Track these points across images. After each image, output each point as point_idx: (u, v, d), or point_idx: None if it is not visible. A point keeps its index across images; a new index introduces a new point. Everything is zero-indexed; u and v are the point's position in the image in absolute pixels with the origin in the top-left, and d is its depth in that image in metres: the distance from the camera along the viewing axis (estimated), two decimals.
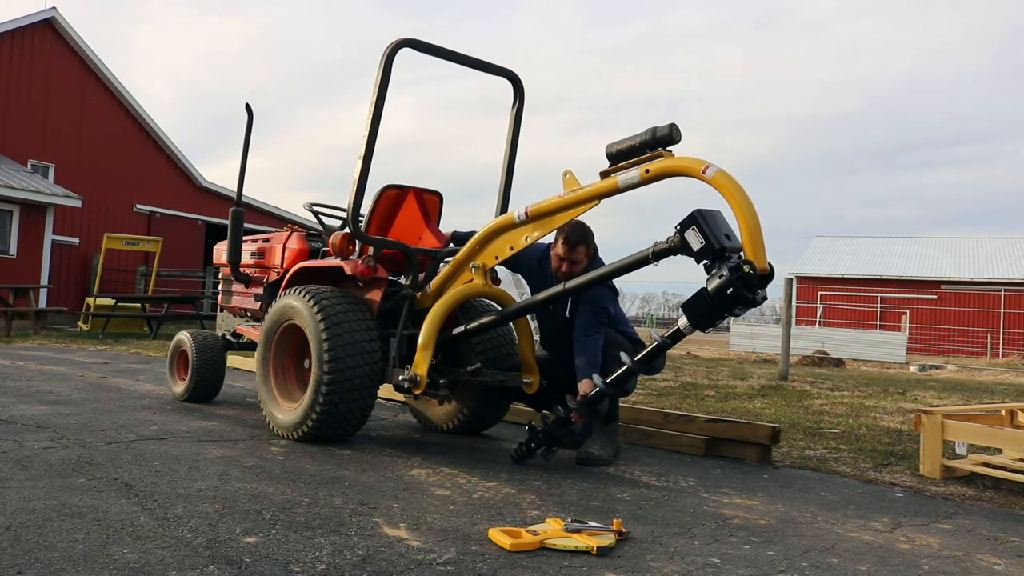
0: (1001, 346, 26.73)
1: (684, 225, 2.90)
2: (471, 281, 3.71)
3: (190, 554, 2.05)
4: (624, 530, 2.44)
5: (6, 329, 11.61)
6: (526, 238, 3.49)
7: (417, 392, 3.53)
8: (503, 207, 4.33)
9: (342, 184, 4.91)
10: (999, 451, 3.94)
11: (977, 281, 28.28)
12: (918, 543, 2.58)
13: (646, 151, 3.04)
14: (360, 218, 3.88)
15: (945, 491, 3.44)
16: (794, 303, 13.09)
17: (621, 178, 3.09)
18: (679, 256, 2.97)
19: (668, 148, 3.01)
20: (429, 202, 4.28)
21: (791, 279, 10.60)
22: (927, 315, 27.57)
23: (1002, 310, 27.69)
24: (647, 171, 3.00)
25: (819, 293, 29.82)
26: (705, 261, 2.83)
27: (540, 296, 3.58)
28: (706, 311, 2.79)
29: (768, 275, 2.77)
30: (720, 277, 2.73)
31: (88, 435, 3.65)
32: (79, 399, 4.90)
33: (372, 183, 4.11)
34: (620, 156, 3.13)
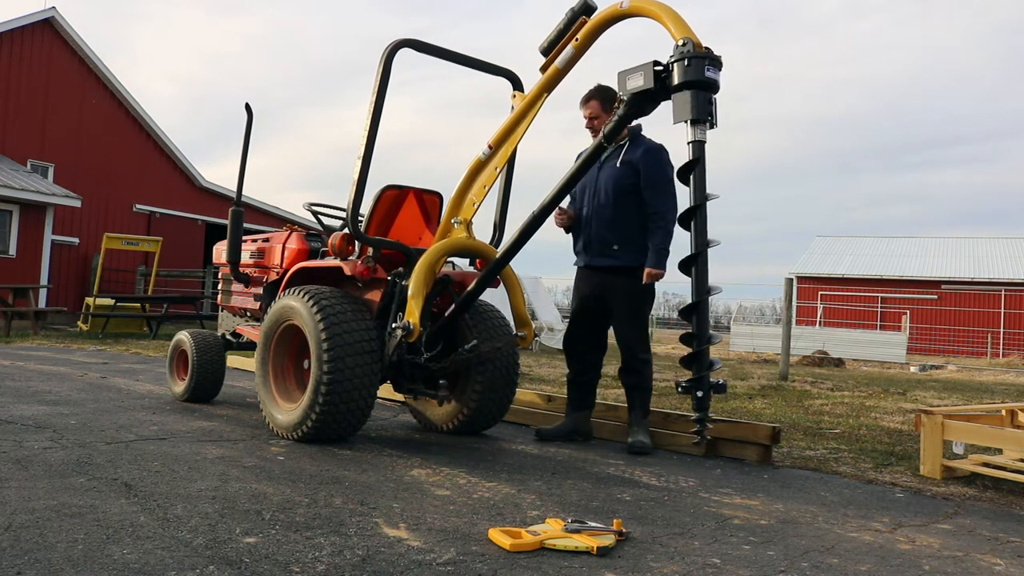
0: (1001, 346, 26.73)
1: (620, 85, 3.04)
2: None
3: (190, 554, 2.05)
4: (624, 530, 2.44)
5: (6, 329, 11.61)
6: (496, 168, 3.67)
7: (411, 340, 3.56)
8: (503, 207, 4.34)
9: (342, 184, 4.91)
10: (999, 451, 3.94)
11: (977, 281, 28.27)
12: (919, 543, 2.58)
13: (570, 29, 3.34)
14: (360, 218, 3.89)
15: (945, 491, 3.44)
16: (794, 303, 13.08)
17: (558, 60, 3.38)
18: (635, 120, 3.14)
19: (588, 16, 3.28)
20: (429, 202, 4.28)
21: (791, 279, 10.60)
22: (927, 315, 27.56)
23: (1002, 310, 27.68)
24: (576, 40, 3.30)
25: (819, 293, 29.81)
26: (660, 96, 2.96)
27: (514, 238, 3.63)
28: (690, 99, 2.82)
29: (708, 52, 2.86)
30: (672, 68, 2.86)
31: (88, 435, 3.65)
32: (79, 399, 4.90)
33: (372, 183, 4.12)
34: (551, 45, 3.42)
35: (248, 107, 4.67)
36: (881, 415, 6.09)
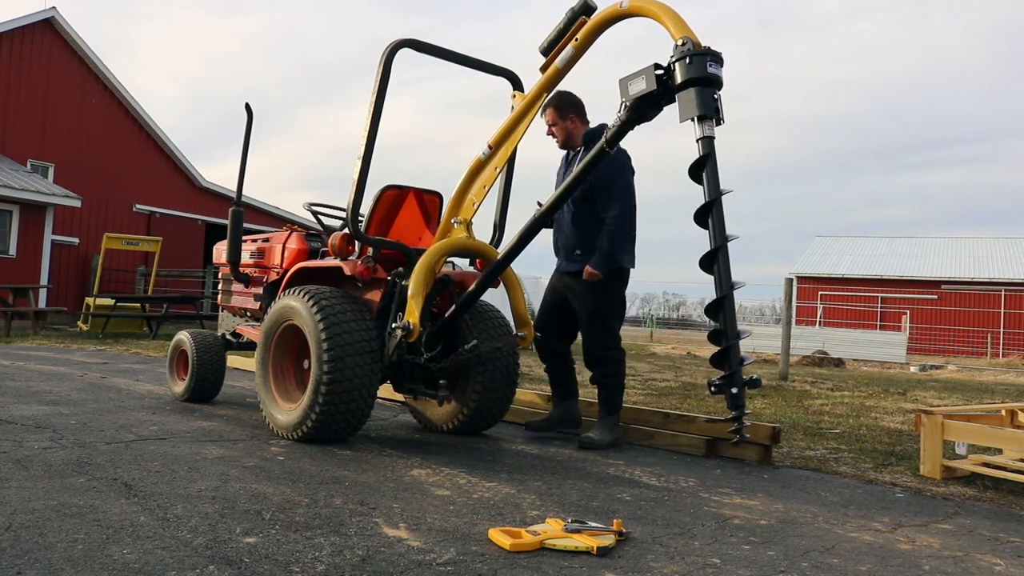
0: (1001, 346, 26.73)
1: (622, 91, 3.01)
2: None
3: (190, 554, 2.05)
4: (624, 530, 2.44)
5: (6, 329, 11.61)
6: (496, 168, 3.68)
7: (411, 340, 3.57)
8: (504, 207, 4.34)
9: (342, 184, 4.92)
10: (999, 451, 3.94)
11: (977, 281, 28.27)
12: (919, 543, 2.58)
13: (570, 29, 3.32)
14: (360, 218, 3.89)
15: (945, 491, 3.44)
16: (794, 303, 13.09)
17: (557, 60, 3.36)
18: (638, 125, 3.09)
19: (588, 16, 3.27)
20: (429, 202, 4.28)
21: (791, 279, 10.60)
22: (927, 315, 27.57)
23: (1002, 310, 27.69)
24: (576, 39, 3.28)
25: (819, 293, 29.82)
26: (663, 99, 2.94)
27: (514, 241, 3.63)
28: (695, 96, 2.80)
29: (709, 49, 2.84)
30: (673, 68, 2.84)
31: (88, 435, 3.65)
32: (79, 399, 4.90)
33: (372, 183, 4.12)
34: (551, 45, 3.40)
35: (248, 107, 4.67)
36: (881, 415, 6.09)
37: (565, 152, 4.37)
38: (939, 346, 26.54)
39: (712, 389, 2.85)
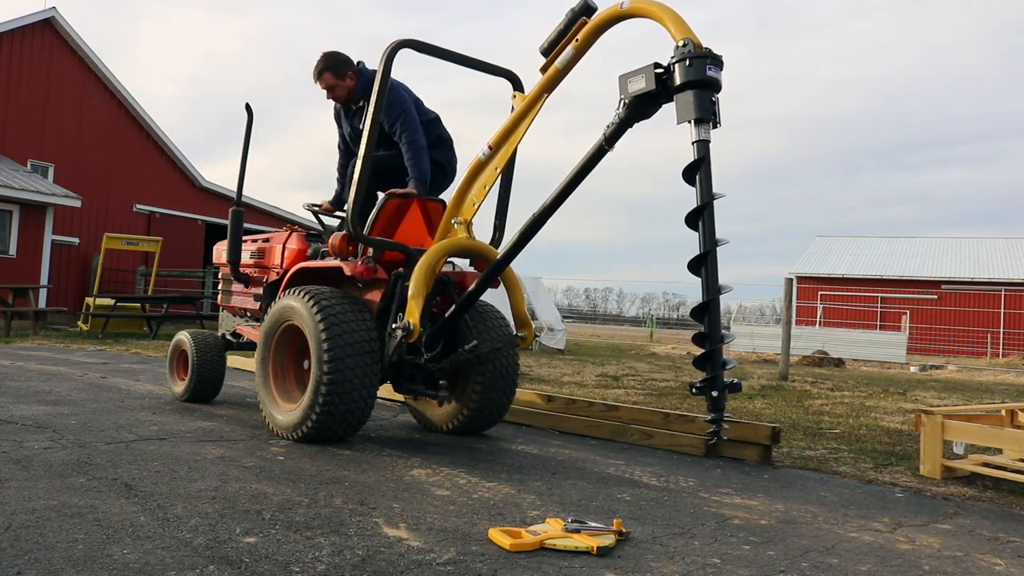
0: (1001, 346, 26.73)
1: (622, 88, 3.00)
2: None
3: (190, 554, 2.05)
4: (624, 530, 2.44)
5: (6, 329, 11.61)
6: (496, 169, 3.68)
7: (411, 340, 3.57)
8: (503, 208, 4.34)
9: None
10: (999, 451, 3.94)
11: (977, 281, 28.28)
12: (919, 543, 2.58)
13: (571, 30, 3.31)
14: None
15: (945, 491, 3.44)
16: (794, 303, 13.09)
17: (558, 61, 3.36)
18: (635, 124, 3.09)
19: (588, 17, 3.27)
20: (433, 210, 4.27)
21: (791, 279, 10.60)
22: (927, 315, 27.57)
23: (1002, 310, 27.69)
24: (576, 40, 3.28)
25: (819, 293, 29.82)
26: (662, 98, 2.93)
27: (514, 241, 3.63)
28: (693, 99, 2.80)
29: (709, 52, 2.84)
30: (673, 69, 2.83)
31: (88, 435, 3.65)
32: (79, 399, 4.90)
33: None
34: (551, 46, 3.40)
35: (248, 107, 4.67)
36: (881, 415, 6.10)
37: (343, 109, 4.58)
38: (939, 346, 26.55)
39: (693, 391, 2.88)
